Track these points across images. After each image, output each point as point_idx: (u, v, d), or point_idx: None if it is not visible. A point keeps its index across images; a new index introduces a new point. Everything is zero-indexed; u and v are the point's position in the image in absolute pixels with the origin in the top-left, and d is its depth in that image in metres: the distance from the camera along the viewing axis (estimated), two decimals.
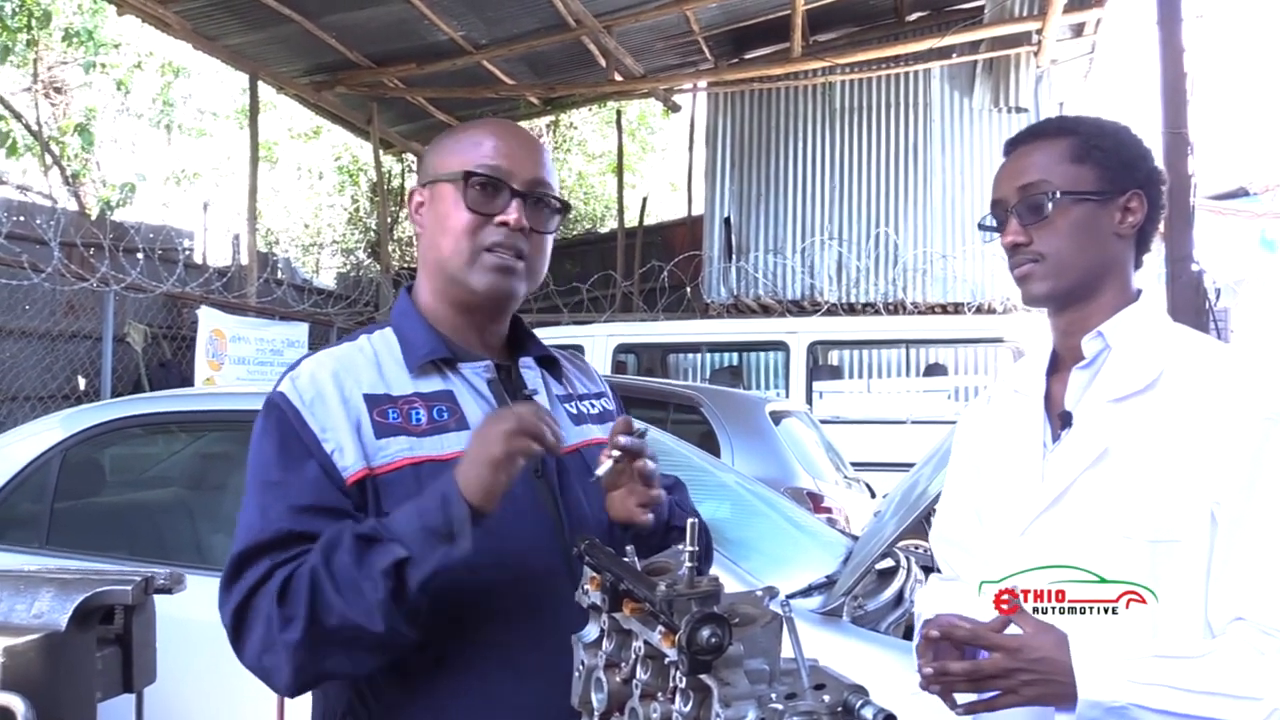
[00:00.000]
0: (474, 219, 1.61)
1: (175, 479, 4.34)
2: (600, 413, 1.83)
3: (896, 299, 13.82)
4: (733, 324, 12.55)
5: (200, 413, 4.05)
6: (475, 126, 1.68)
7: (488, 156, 1.63)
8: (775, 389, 12.29)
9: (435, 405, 1.59)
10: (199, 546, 3.94)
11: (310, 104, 15.78)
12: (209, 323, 10.48)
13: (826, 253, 14.30)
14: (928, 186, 14.17)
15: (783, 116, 14.89)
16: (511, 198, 1.61)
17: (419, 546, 1.38)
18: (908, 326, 11.12)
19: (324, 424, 1.51)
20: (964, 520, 1.88)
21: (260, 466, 1.52)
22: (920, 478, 3.66)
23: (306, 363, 1.60)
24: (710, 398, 6.71)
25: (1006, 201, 1.77)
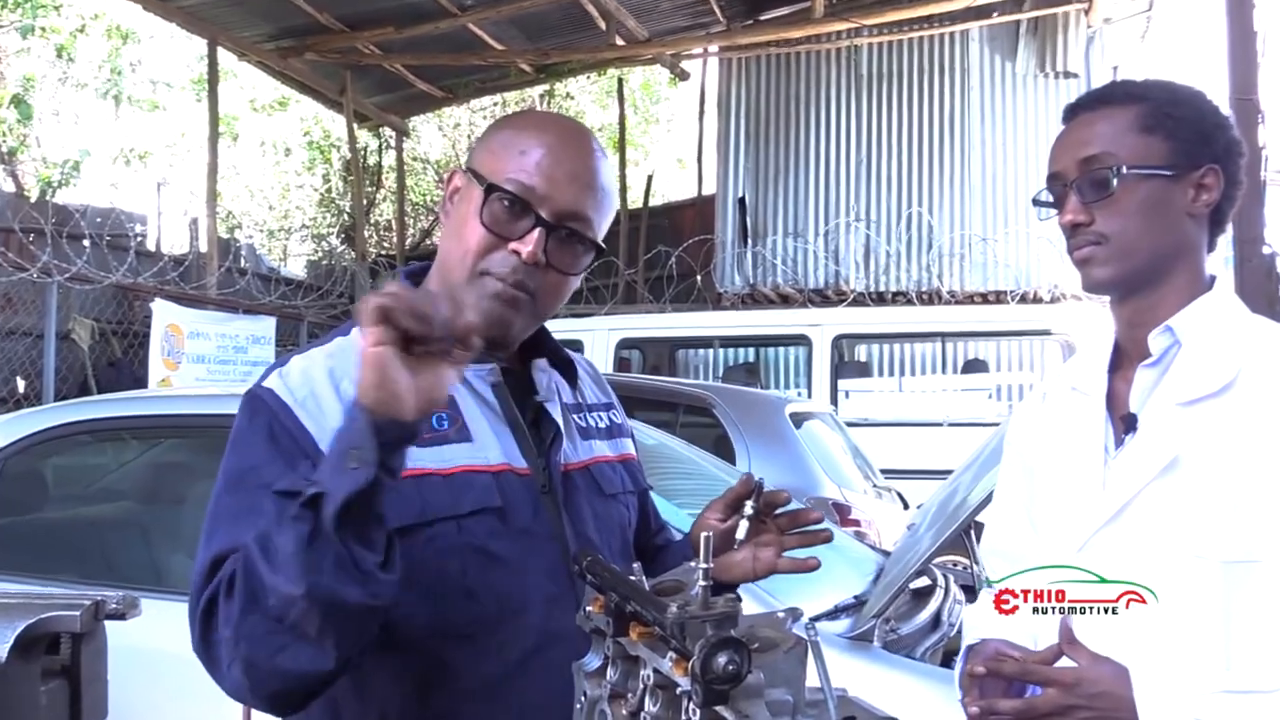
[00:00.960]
0: (486, 238, 1.57)
1: (127, 492, 4.34)
2: (608, 426, 1.82)
3: (931, 287, 13.81)
4: (748, 316, 12.55)
5: (155, 418, 4.05)
6: (535, 127, 1.63)
7: (525, 172, 1.57)
8: (796, 388, 12.26)
9: (435, 413, 1.49)
10: (155, 568, 3.94)
11: (276, 72, 15.80)
12: (164, 317, 10.48)
13: (853, 236, 14.29)
14: (965, 162, 14.15)
15: (803, 84, 14.88)
16: (534, 226, 1.56)
17: (329, 475, 1.28)
18: (944, 318, 11.11)
19: (319, 422, 1.49)
20: (1018, 530, 1.87)
21: (243, 468, 1.47)
22: (959, 486, 3.65)
23: (296, 359, 1.58)
24: (724, 398, 6.71)
25: (1065, 175, 1.74)
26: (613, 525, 1.69)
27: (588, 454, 1.72)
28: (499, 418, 1.61)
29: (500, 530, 1.53)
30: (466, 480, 1.52)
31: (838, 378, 10.42)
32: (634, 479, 1.81)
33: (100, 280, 10.55)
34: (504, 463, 1.58)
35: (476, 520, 1.52)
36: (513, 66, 16.67)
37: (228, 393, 4.81)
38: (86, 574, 3.81)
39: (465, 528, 1.51)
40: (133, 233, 11.80)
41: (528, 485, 1.59)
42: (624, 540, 1.73)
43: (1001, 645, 1.69)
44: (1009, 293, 13.33)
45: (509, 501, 1.56)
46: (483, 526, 1.52)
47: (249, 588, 1.31)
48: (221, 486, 1.48)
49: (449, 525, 1.49)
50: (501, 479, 1.57)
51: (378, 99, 17.29)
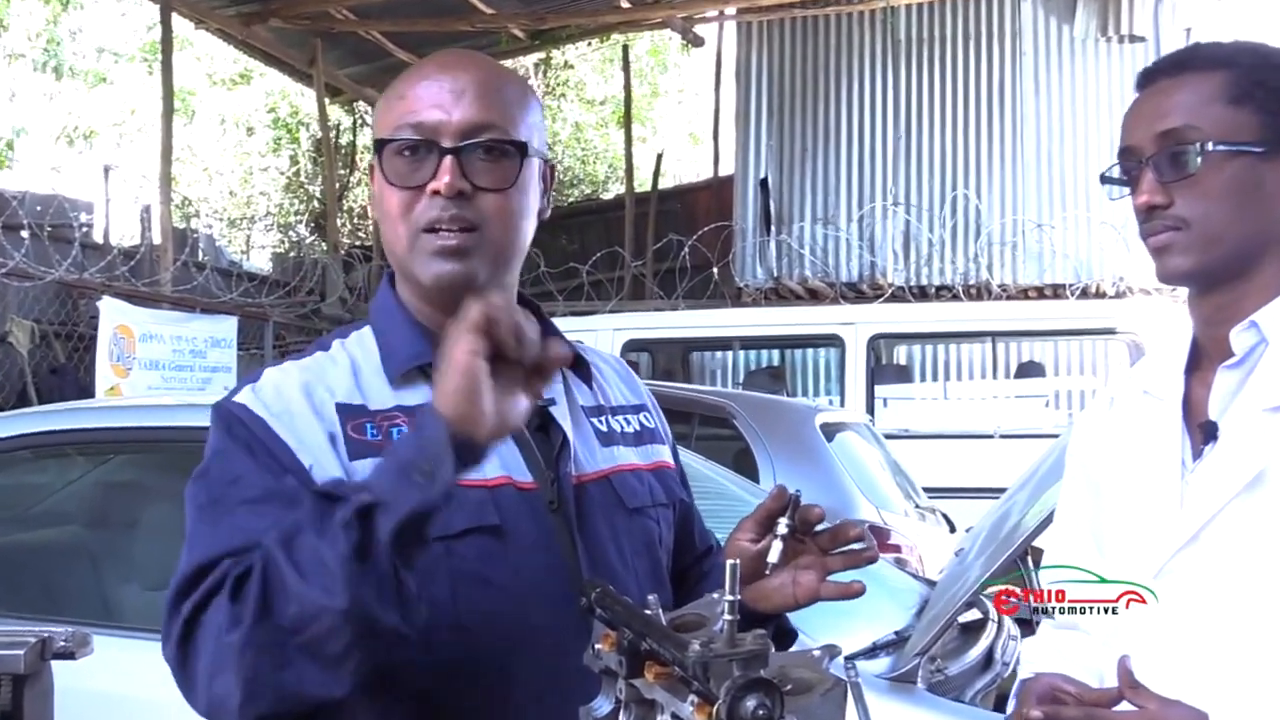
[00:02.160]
0: (402, 196, 1.58)
1: (73, 515, 4.34)
2: (637, 431, 1.81)
3: (979, 280, 13.80)
4: (772, 314, 12.55)
5: (103, 431, 4.05)
6: (411, 71, 1.66)
7: (407, 111, 1.59)
8: (827, 395, 12.24)
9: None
10: (104, 600, 3.94)
11: (237, 41, 15.84)
12: (113, 317, 10.50)
13: (890, 222, 14.27)
14: (1017, 138, 14.14)
15: (833, 51, 14.88)
16: (441, 158, 1.56)
17: (390, 486, 1.31)
18: (994, 315, 11.09)
19: (297, 435, 1.51)
20: (1083, 554, 1.86)
21: (227, 479, 1.49)
22: (1013, 507, 3.66)
23: (269, 373, 1.60)
24: (745, 407, 6.70)
25: (1140, 150, 1.72)
26: (638, 545, 1.67)
27: (608, 462, 1.71)
28: None
29: (497, 553, 1.52)
30: (458, 496, 1.45)
31: (874, 383, 10.40)
32: (668, 490, 1.79)
33: (40, 276, 10.58)
34: (503, 475, 1.57)
35: (468, 542, 1.51)
36: (504, 33, 16.68)
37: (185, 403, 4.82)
38: (27, 607, 3.81)
39: (455, 551, 1.50)
40: (77, 222, 11.82)
41: (532, 501, 1.58)
42: (653, 561, 1.71)
43: (1058, 681, 1.68)
44: (1068, 286, 13.32)
45: (508, 519, 1.54)
46: (476, 549, 1.51)
47: (265, 592, 1.32)
48: (203, 498, 1.49)
49: (437, 548, 1.46)
50: (499, 494, 1.56)
51: (352, 70, 17.32)
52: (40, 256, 10.69)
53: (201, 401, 5.05)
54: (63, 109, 22.13)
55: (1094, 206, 13.23)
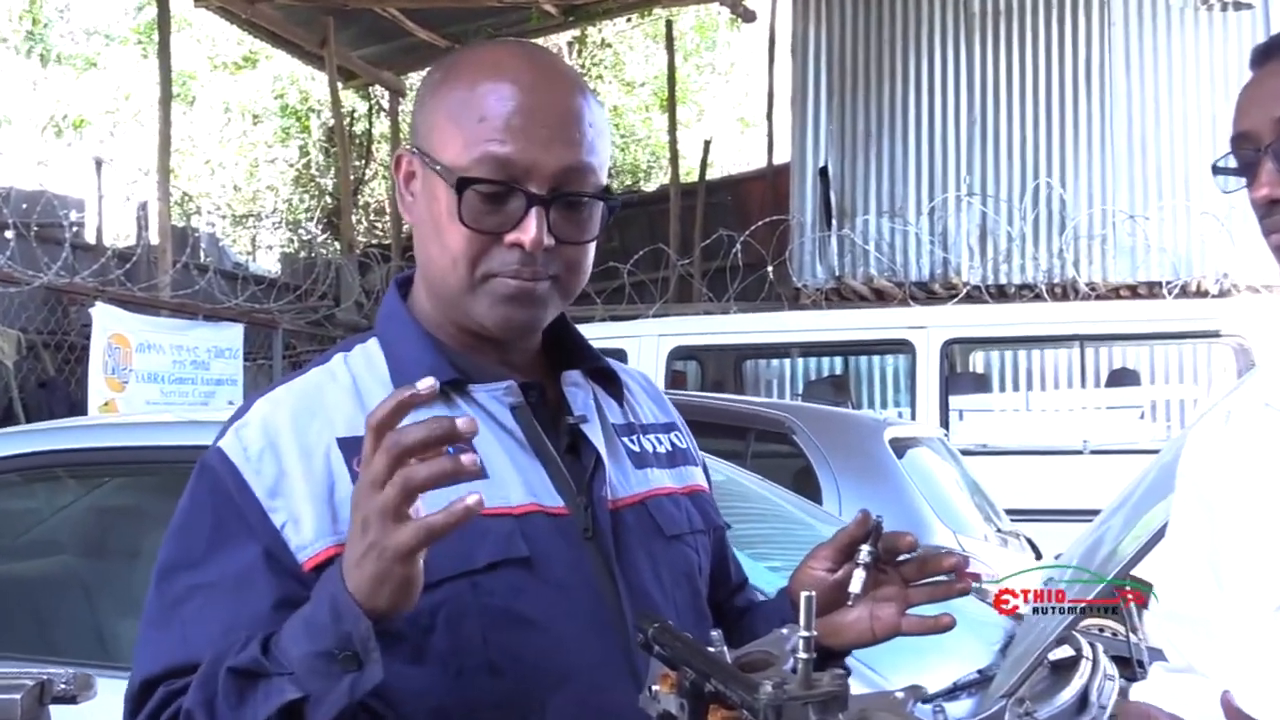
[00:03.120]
0: (475, 239, 1.56)
1: (65, 544, 4.36)
2: (669, 452, 1.82)
3: (1065, 278, 13.74)
4: (834, 317, 12.51)
5: (98, 451, 4.07)
6: (487, 76, 1.59)
7: (494, 140, 1.54)
8: (896, 407, 12.19)
9: None
10: (101, 636, 3.97)
11: (241, 20, 15.97)
12: (107, 325, 10.58)
13: (964, 215, 14.24)
14: (1106, 120, 14.07)
15: (899, 24, 14.86)
16: (529, 206, 1.55)
17: (314, 679, 1.32)
18: (1081, 317, 11.03)
19: (273, 486, 1.51)
20: (1198, 585, 1.84)
21: (179, 553, 1.52)
22: (1107, 532, 3.64)
23: (258, 405, 1.59)
24: (806, 421, 6.69)
25: (1258, 137, 1.69)
26: (677, 574, 1.67)
27: (642, 486, 1.71)
28: (522, 447, 1.60)
29: (529, 586, 1.52)
30: (482, 527, 1.49)
31: (948, 394, 10.37)
32: (705, 515, 1.80)
33: (27, 281, 10.67)
34: (531, 502, 1.57)
35: (497, 575, 1.51)
36: (534, 7, 16.75)
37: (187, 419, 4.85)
38: (16, 647, 3.83)
39: (483, 586, 1.50)
40: (67, 221, 11.94)
41: (564, 528, 1.58)
42: (693, 592, 1.71)
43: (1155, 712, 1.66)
44: (1165, 284, 13.24)
45: (539, 550, 1.54)
46: (505, 583, 1.51)
47: None
48: (154, 583, 1.52)
49: (461, 585, 1.48)
50: (528, 522, 1.55)
51: (367, 51, 17.43)
52: (27, 259, 10.78)
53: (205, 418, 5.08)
54: (50, 97, 22.34)
55: (1193, 195, 13.16)
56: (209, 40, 22.98)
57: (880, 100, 14.84)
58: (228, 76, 23.76)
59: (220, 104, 23.88)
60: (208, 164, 23.88)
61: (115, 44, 22.95)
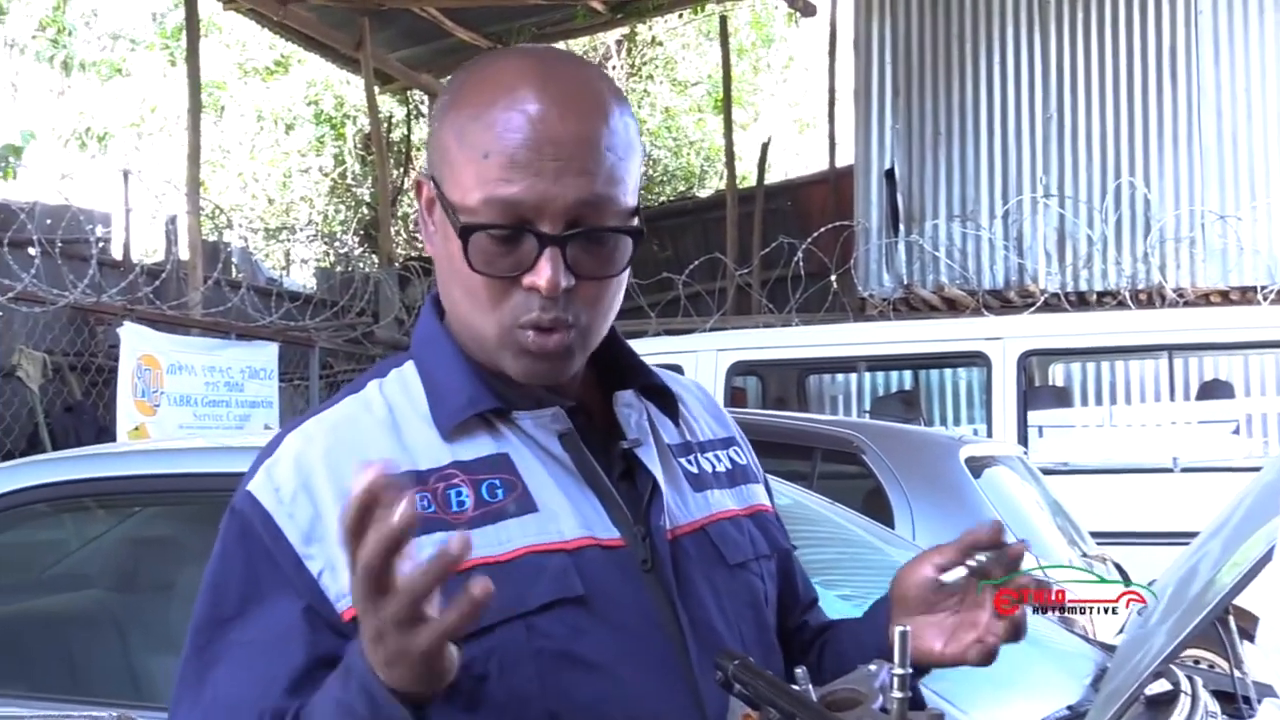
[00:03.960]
0: (490, 284, 1.55)
1: (96, 577, 4.39)
2: (729, 470, 1.81)
3: (1150, 284, 13.64)
4: (903, 328, 12.47)
5: (129, 480, 4.08)
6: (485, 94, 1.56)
7: (499, 180, 1.51)
8: (971, 424, 12.13)
9: (484, 479, 1.56)
10: (134, 675, 3.98)
11: (273, 23, 16.09)
12: (136, 346, 10.67)
13: (1041, 218, 14.18)
14: (1194, 113, 13.97)
15: (969, 15, 14.82)
16: (541, 247, 1.52)
17: None
18: (1169, 325, 10.93)
19: (309, 532, 1.50)
20: None
21: (213, 609, 1.52)
22: (1204, 557, 3.59)
23: (289, 441, 1.58)
24: (876, 439, 6.65)
25: None
26: (741, 605, 1.66)
27: (702, 511, 1.70)
28: (574, 476, 1.60)
29: (587, 626, 1.51)
30: (534, 564, 1.50)
31: (1027, 409, 10.30)
32: (769, 538, 1.79)
33: (53, 300, 10.76)
34: (585, 535, 1.56)
35: (552, 616, 1.50)
36: (581, 6, 16.80)
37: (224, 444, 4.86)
38: (45, 687, 3.86)
39: (538, 628, 1.49)
40: (93, 237, 12.02)
41: (621, 562, 1.57)
42: (760, 624, 1.70)
43: None
44: (1259, 289, 13.15)
45: (596, 587, 1.53)
46: (562, 624, 1.50)
47: None
48: (189, 638, 1.52)
49: (515, 628, 1.48)
50: (583, 557, 1.54)
51: (405, 53, 17.53)
52: (52, 277, 10.87)
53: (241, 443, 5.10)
54: (73, 107, 22.56)
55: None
56: (239, 46, 23.16)
57: (949, 96, 14.80)
58: (259, 83, 23.93)
59: (251, 112, 24.05)
60: (240, 176, 24.06)
61: (141, 51, 23.15)
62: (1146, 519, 8.69)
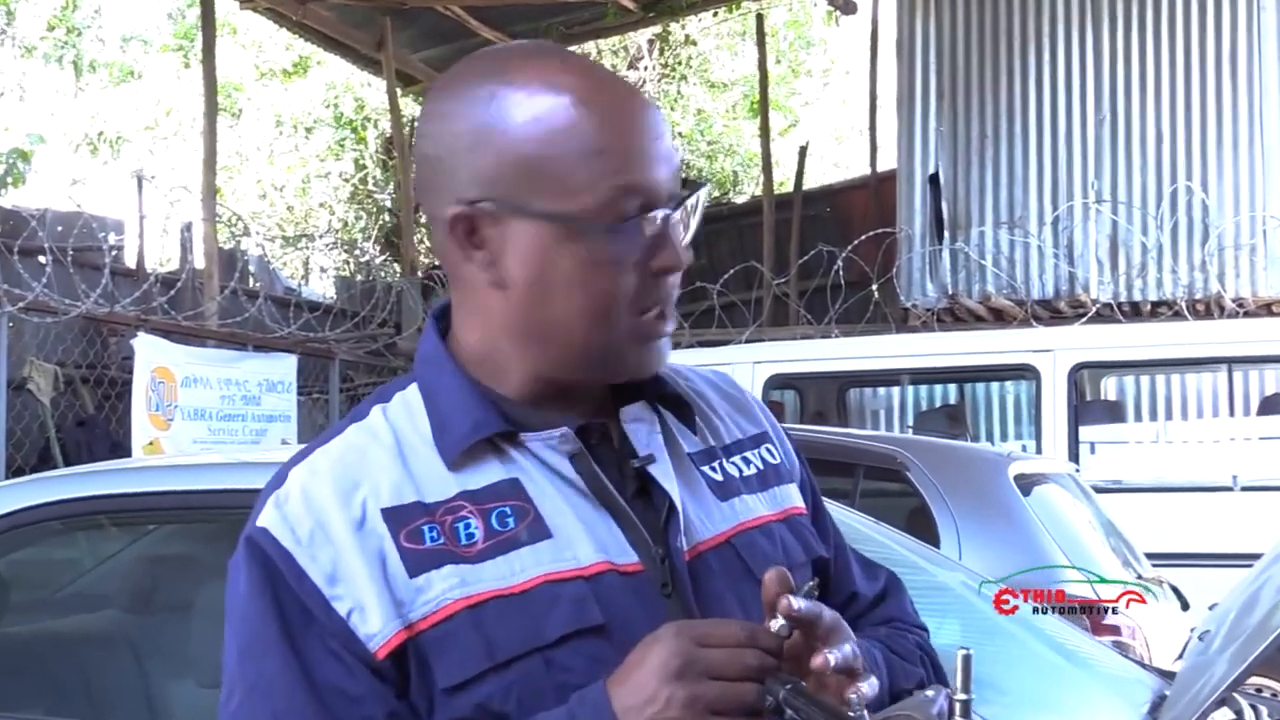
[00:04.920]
0: (625, 280, 1.57)
1: (111, 597, 4.41)
2: (760, 472, 1.79)
3: (1208, 293, 13.59)
4: (948, 339, 12.43)
5: (145, 496, 4.10)
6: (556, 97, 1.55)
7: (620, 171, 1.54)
8: (1019, 440, 12.08)
9: (494, 508, 1.56)
10: (149, 700, 4.00)
11: (291, 23, 16.16)
12: (150, 357, 10.71)
13: (1093, 225, 14.14)
14: (1256, 115, 13.92)
15: (1017, 14, 14.81)
16: (665, 227, 1.57)
17: None
18: (1228, 336, 10.90)
19: (332, 574, 1.50)
20: None
21: (252, 649, 1.52)
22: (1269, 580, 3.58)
23: (295, 475, 1.58)
24: (920, 456, 6.64)
25: None
26: None
27: (728, 522, 1.68)
28: (587, 499, 1.58)
29: (608, 657, 1.47)
30: (550, 594, 1.51)
31: (1078, 424, 10.27)
32: (804, 545, 1.76)
33: (64, 310, 10.81)
34: (602, 560, 1.55)
35: (571, 649, 1.50)
36: (611, 4, 16.82)
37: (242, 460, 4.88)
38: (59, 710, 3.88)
39: (556, 662, 1.49)
40: (106, 245, 12.09)
41: (640, 588, 1.56)
42: None
43: None
44: None
45: (615, 615, 1.52)
46: (581, 657, 1.50)
47: None
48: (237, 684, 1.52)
49: (533, 663, 1.48)
50: (601, 584, 1.54)
51: (428, 53, 17.58)
52: (63, 286, 10.92)
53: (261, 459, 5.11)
54: (84, 111, 22.67)
55: None
56: (255, 46, 23.24)
57: (997, 97, 14.78)
58: (277, 85, 24.00)
59: (269, 116, 24.12)
60: (258, 182, 24.12)
61: (154, 52, 23.22)
62: (1205, 540, 8.67)
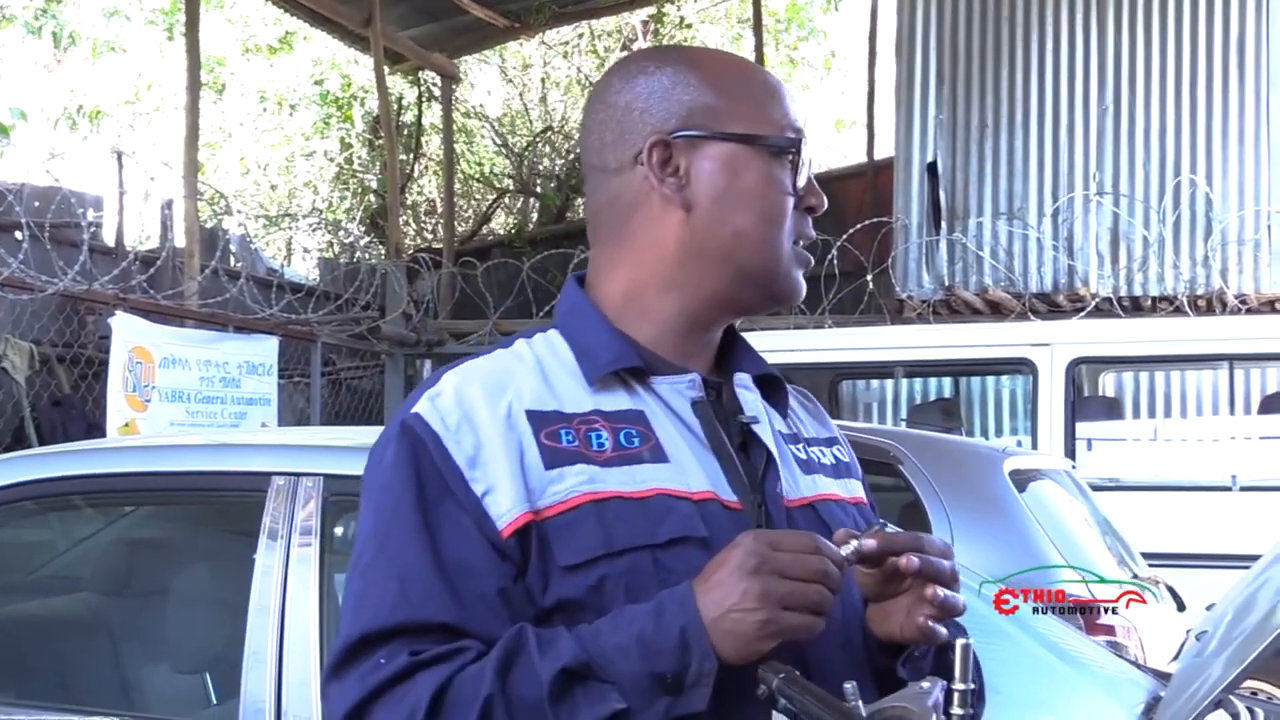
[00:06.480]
0: (784, 204, 1.86)
1: (85, 580, 4.40)
2: (834, 464, 2.00)
3: (1210, 289, 13.60)
4: (944, 332, 12.46)
5: (120, 477, 4.10)
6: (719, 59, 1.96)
7: (787, 114, 1.88)
8: (1015, 435, 12.10)
9: (622, 428, 1.78)
10: (125, 686, 3.99)
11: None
12: (128, 337, 10.69)
13: (1094, 217, 14.14)
14: (1262, 106, 13.92)
15: (1020, 1, 14.77)
16: (809, 171, 1.88)
17: (639, 696, 1.55)
18: (1230, 333, 10.91)
19: (473, 457, 1.71)
20: None
21: (388, 514, 1.72)
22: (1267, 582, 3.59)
23: (448, 377, 1.79)
24: (914, 450, 6.65)
25: None
26: (849, 584, 1.76)
27: (811, 490, 1.90)
28: (700, 441, 1.80)
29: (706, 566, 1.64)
30: (664, 505, 1.71)
31: (1075, 420, 10.28)
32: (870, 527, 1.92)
33: (40, 287, 10.79)
34: (708, 491, 1.76)
35: (678, 553, 1.68)
36: None
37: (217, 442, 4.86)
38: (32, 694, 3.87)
39: (663, 562, 1.68)
40: (84, 222, 12.05)
41: (739, 522, 1.72)
42: (857, 609, 1.83)
43: None
44: None
45: (717, 534, 1.69)
46: (684, 560, 1.67)
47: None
48: (368, 545, 1.73)
49: (643, 557, 1.68)
50: (706, 509, 1.74)
51: (417, 31, 17.56)
52: (40, 263, 10.90)
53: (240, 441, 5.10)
54: (63, 84, 22.60)
55: None
56: (241, 21, 23.16)
57: (997, 86, 14.77)
58: (261, 61, 23.94)
59: (253, 92, 24.06)
60: (241, 160, 24.07)
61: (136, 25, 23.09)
62: (1202, 540, 8.69)
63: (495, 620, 1.63)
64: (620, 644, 1.57)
